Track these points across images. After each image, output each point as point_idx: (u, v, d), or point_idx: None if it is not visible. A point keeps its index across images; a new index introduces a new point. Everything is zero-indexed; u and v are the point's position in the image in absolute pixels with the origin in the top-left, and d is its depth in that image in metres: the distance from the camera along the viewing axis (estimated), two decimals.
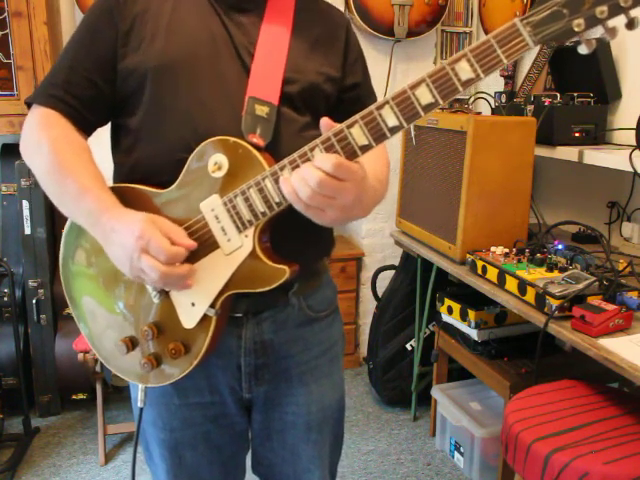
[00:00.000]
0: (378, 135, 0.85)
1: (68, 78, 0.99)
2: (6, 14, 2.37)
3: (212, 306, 0.96)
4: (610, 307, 1.43)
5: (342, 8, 2.86)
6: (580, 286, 1.51)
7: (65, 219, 1.05)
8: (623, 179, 2.14)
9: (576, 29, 0.76)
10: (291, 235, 0.98)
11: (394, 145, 2.58)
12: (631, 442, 1.35)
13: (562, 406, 1.50)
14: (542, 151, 2.13)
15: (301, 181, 0.83)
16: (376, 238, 3.17)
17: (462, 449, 2.31)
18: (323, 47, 1.08)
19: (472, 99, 2.72)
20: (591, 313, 1.41)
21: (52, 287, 2.60)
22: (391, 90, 3.02)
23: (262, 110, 0.97)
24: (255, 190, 0.90)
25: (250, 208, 0.91)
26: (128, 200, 0.97)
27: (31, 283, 2.57)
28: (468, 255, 1.90)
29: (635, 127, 1.89)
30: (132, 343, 1.02)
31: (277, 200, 0.89)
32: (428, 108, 0.83)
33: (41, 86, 1.02)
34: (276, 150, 0.95)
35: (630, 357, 1.30)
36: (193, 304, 0.97)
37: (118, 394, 2.78)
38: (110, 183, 1.03)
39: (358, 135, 0.85)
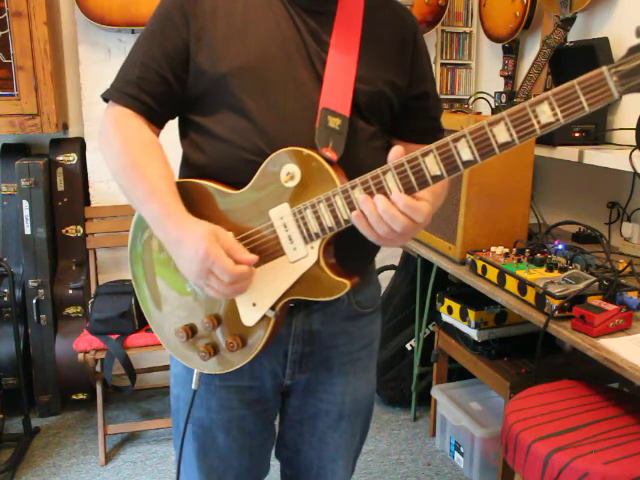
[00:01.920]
0: (451, 167, 0.86)
1: (142, 74, 1.01)
2: (6, 14, 2.37)
3: (272, 308, 0.99)
4: (610, 307, 1.43)
5: None
6: (580, 286, 1.51)
7: (65, 219, 1.05)
8: (623, 179, 2.14)
9: None
10: (352, 242, 0.98)
11: None
12: (631, 442, 1.35)
13: (562, 406, 1.50)
14: (542, 151, 2.13)
15: (380, 221, 0.88)
16: None
17: (462, 449, 2.31)
18: (392, 53, 1.07)
19: (472, 99, 2.72)
20: (591, 313, 1.41)
21: (52, 287, 2.60)
22: None
23: (335, 122, 0.98)
24: (325, 205, 0.92)
25: (318, 221, 0.93)
26: (195, 198, 1.00)
27: (31, 283, 2.57)
28: (468, 255, 1.90)
29: (635, 127, 1.88)
30: (192, 331, 1.05)
31: (345, 217, 0.92)
32: (504, 147, 0.83)
33: (116, 81, 1.04)
34: (346, 162, 0.97)
35: (630, 357, 1.30)
36: (254, 304, 1.00)
37: (118, 394, 2.79)
38: (177, 170, 1.07)
39: (431, 165, 0.86)
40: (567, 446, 1.33)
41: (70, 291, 2.61)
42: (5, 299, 2.49)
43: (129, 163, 0.99)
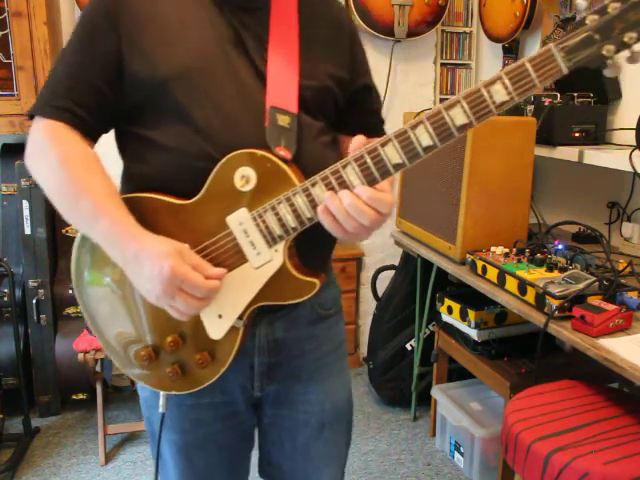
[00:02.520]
0: (412, 154, 0.85)
1: (71, 86, 0.95)
2: (6, 14, 2.37)
3: (240, 318, 0.96)
4: (610, 307, 1.43)
5: None
6: (580, 286, 1.51)
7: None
8: (623, 179, 2.14)
9: (606, 54, 0.78)
10: (311, 241, 0.97)
11: None
12: (631, 442, 1.35)
13: (562, 406, 1.50)
14: (542, 151, 2.13)
15: (348, 217, 0.86)
16: (376, 238, 3.17)
17: (462, 449, 2.31)
18: (331, 47, 1.06)
19: None
20: (591, 313, 1.41)
21: (52, 287, 2.60)
22: (391, 90, 3.02)
23: (284, 120, 0.95)
24: (286, 205, 0.90)
25: (280, 223, 0.91)
26: (145, 213, 0.94)
27: (31, 283, 2.57)
28: (468, 255, 1.90)
29: (635, 127, 1.89)
30: (155, 352, 1.00)
31: (309, 216, 0.90)
32: (462, 129, 0.84)
33: (43, 96, 0.97)
34: (300, 160, 0.95)
35: (630, 357, 1.30)
36: (220, 316, 0.96)
37: (118, 394, 2.79)
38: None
39: (392, 154, 0.86)
40: (567, 446, 1.33)
41: (70, 291, 2.60)
42: (5, 299, 2.49)
43: (70, 180, 0.92)
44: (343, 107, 1.08)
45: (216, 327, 0.96)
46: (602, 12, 0.77)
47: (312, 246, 0.98)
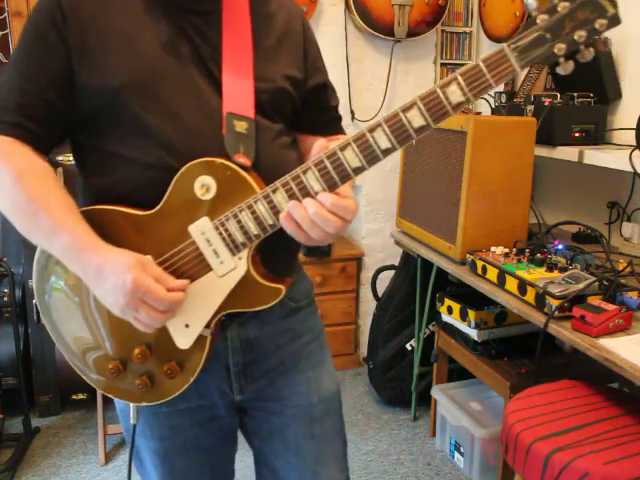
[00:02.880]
0: (371, 158, 0.85)
1: (21, 100, 0.92)
2: (6, 14, 2.37)
3: (207, 326, 0.95)
4: (610, 307, 1.43)
5: (342, 8, 2.87)
6: (580, 286, 1.51)
7: None
8: (623, 179, 2.14)
9: (557, 53, 0.79)
10: (276, 246, 0.95)
11: None
12: (631, 442, 1.35)
13: (562, 406, 1.50)
14: (542, 151, 2.13)
15: (313, 225, 0.86)
16: (376, 238, 3.17)
17: (462, 449, 2.31)
18: (284, 46, 1.04)
19: None
20: (591, 313, 1.41)
21: None
22: (391, 90, 3.02)
23: (241, 126, 0.95)
24: (247, 213, 0.89)
25: (243, 231, 0.90)
26: (105, 226, 0.93)
27: (31, 283, 2.55)
28: (468, 255, 1.90)
29: (635, 127, 1.89)
30: (123, 365, 0.99)
31: (271, 222, 0.89)
32: (420, 131, 0.84)
33: None
34: (260, 165, 0.94)
35: (630, 357, 1.30)
36: (187, 325, 0.95)
37: None
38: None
39: (351, 158, 0.85)
40: (567, 446, 1.33)
41: None
42: (5, 299, 2.49)
43: (26, 197, 0.90)
44: (300, 106, 1.08)
45: (183, 337, 0.95)
46: (552, 11, 0.79)
47: (276, 251, 0.97)
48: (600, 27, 0.78)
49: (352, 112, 2.95)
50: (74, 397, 2.67)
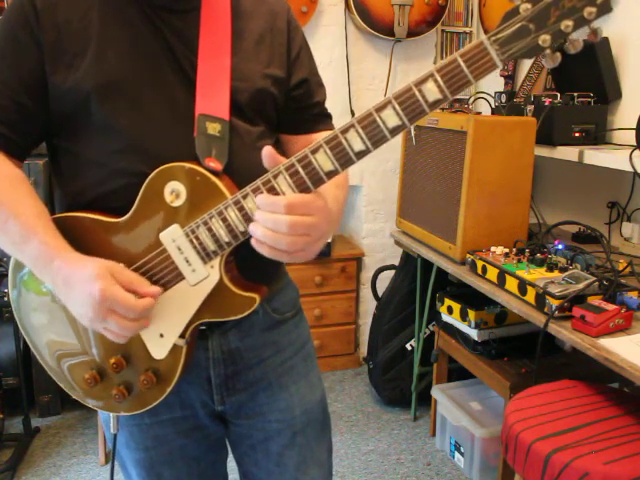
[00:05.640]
0: (344, 160, 0.81)
1: None
2: None
3: (182, 336, 0.93)
4: (610, 307, 1.43)
5: (342, 8, 2.87)
6: (580, 286, 1.51)
7: None
8: (623, 179, 2.14)
9: (542, 44, 0.73)
10: (249, 253, 0.89)
11: (394, 145, 2.57)
12: (631, 442, 1.35)
13: (562, 406, 1.50)
14: (542, 151, 2.13)
15: (274, 236, 0.80)
16: (376, 238, 3.17)
17: (462, 449, 2.31)
18: (266, 44, 1.00)
19: (472, 99, 2.72)
20: (591, 313, 1.41)
21: None
22: (391, 90, 3.02)
23: (214, 128, 0.91)
24: (218, 220, 0.86)
25: (214, 238, 0.87)
26: (76, 234, 0.91)
27: None
28: (468, 255, 1.90)
29: (635, 127, 1.89)
30: (100, 375, 0.97)
31: (242, 230, 0.85)
32: (395, 131, 0.79)
33: None
34: (234, 169, 0.91)
35: (630, 357, 1.30)
36: (162, 335, 0.93)
37: None
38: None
39: (323, 161, 0.81)
40: (567, 446, 1.33)
41: None
42: (5, 299, 2.49)
43: None
44: (283, 107, 1.04)
45: (158, 346, 0.93)
46: (536, 0, 0.72)
47: (253, 258, 0.90)
48: (589, 16, 0.71)
49: (352, 112, 2.95)
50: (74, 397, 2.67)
